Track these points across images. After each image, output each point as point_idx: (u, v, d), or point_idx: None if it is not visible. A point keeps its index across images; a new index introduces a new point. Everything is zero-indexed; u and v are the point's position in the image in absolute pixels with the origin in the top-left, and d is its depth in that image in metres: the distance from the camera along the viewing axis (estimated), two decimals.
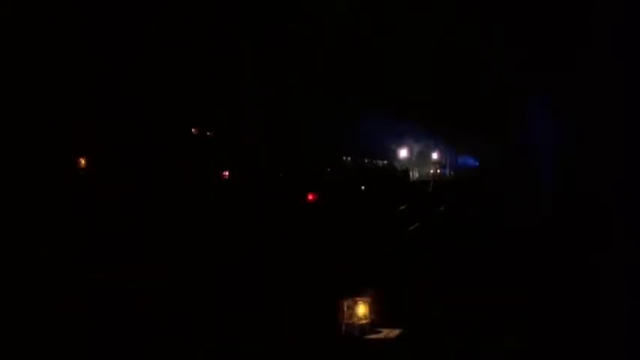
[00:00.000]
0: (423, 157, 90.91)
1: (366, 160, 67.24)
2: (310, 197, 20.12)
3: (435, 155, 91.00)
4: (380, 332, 4.07)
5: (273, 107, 40.72)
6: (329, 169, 30.12)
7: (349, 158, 65.38)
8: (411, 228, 14.29)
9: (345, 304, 4.01)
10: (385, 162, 66.94)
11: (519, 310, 5.24)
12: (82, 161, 15.02)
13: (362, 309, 3.99)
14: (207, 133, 34.04)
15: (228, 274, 9.24)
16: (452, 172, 78.10)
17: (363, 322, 3.96)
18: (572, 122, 8.95)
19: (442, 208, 21.13)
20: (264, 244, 13.04)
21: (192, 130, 32.71)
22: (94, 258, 10.02)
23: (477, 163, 53.40)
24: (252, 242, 13.26)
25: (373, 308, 4.02)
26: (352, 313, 3.94)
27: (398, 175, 41.06)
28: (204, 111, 32.68)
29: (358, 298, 4.06)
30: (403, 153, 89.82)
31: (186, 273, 9.45)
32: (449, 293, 6.07)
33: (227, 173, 29.54)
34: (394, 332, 4.14)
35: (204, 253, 11.50)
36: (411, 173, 67.59)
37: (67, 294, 7.88)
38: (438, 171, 78.95)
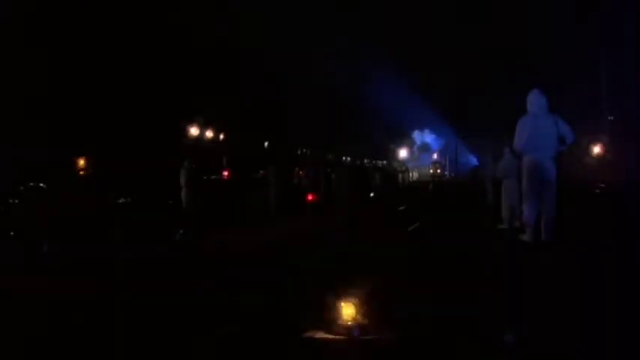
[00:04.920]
0: (422, 158, 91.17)
1: (365, 161, 67.45)
2: (310, 197, 20.16)
3: (435, 156, 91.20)
4: (372, 333, 4.01)
5: (277, 108, 41.06)
6: (329, 169, 30.21)
7: (349, 158, 65.57)
8: (410, 229, 14.25)
9: (337, 304, 3.94)
10: (385, 162, 67.07)
11: (518, 308, 5.20)
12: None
13: (354, 309, 3.92)
14: (207, 134, 34.17)
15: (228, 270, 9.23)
16: (452, 174, 78.39)
17: (355, 322, 3.90)
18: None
19: (441, 208, 21.15)
20: (263, 244, 13.07)
21: (193, 129, 32.82)
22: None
23: (478, 163, 53.62)
24: (251, 240, 13.30)
25: (366, 309, 3.96)
26: (344, 314, 3.88)
27: (397, 175, 41.08)
28: (211, 111, 32.94)
29: (351, 299, 3.99)
30: (403, 153, 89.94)
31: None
32: (446, 294, 6.03)
33: (226, 173, 29.68)
34: (387, 333, 4.10)
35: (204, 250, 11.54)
36: (410, 174, 67.83)
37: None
38: (438, 171, 79.36)
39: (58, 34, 23.12)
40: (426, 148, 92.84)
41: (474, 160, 69.67)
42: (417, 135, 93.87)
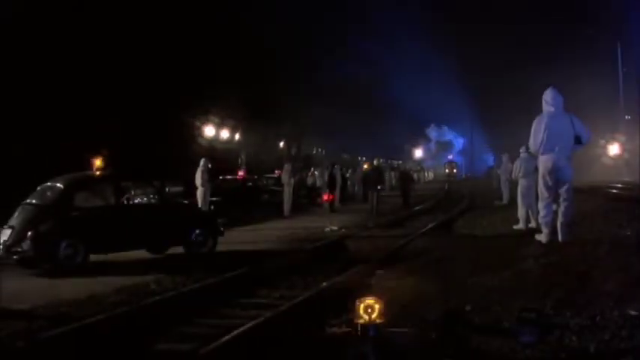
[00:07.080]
0: (440, 157, 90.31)
1: (381, 160, 67.33)
2: (325, 198, 20.20)
3: (450, 156, 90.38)
4: (394, 332, 4.01)
5: (293, 111, 41.17)
6: (343, 169, 30.35)
7: (364, 158, 65.46)
8: (423, 230, 14.19)
9: (359, 303, 3.94)
10: (400, 162, 66.91)
11: (533, 308, 5.17)
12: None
13: (376, 308, 3.92)
14: (223, 134, 34.34)
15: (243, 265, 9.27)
16: (468, 173, 77.89)
17: (378, 321, 3.90)
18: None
19: (457, 209, 21.07)
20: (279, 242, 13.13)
21: (209, 129, 33.02)
22: None
23: (494, 163, 53.34)
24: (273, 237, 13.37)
25: (388, 308, 3.96)
26: (366, 313, 3.88)
27: (412, 175, 40.95)
28: (224, 110, 33.14)
29: (372, 298, 3.99)
30: (418, 153, 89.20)
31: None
32: (464, 294, 6.02)
33: (242, 173, 29.82)
34: (409, 332, 4.09)
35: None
36: (426, 173, 67.48)
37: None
38: (454, 170, 78.97)
39: (64, 33, 23.30)
40: (445, 147, 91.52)
41: (490, 160, 69.30)
42: (433, 131, 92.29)
